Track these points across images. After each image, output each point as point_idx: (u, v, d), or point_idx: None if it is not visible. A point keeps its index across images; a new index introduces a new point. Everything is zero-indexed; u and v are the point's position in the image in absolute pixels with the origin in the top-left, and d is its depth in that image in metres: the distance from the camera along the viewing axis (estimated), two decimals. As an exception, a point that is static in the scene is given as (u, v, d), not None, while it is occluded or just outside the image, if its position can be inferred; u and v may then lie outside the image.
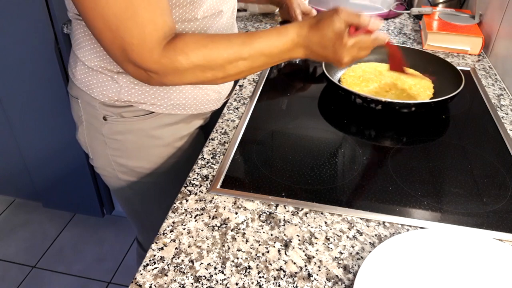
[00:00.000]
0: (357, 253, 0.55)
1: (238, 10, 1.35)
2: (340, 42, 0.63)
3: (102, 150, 0.79)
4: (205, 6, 0.68)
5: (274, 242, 0.56)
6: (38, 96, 1.43)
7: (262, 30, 0.64)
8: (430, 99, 0.85)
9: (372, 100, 0.78)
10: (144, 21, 0.55)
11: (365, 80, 0.89)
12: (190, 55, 0.58)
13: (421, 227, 0.58)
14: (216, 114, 0.87)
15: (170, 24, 0.59)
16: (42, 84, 1.40)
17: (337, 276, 0.52)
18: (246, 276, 0.52)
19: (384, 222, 0.59)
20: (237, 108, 0.85)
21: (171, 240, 0.56)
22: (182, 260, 0.54)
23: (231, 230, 0.58)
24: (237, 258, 0.54)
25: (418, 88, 0.88)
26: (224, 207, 0.62)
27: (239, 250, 0.55)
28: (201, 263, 0.53)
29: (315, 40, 0.64)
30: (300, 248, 0.55)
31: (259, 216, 0.60)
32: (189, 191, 0.64)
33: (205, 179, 0.67)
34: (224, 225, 0.59)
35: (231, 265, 0.53)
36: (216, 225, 0.59)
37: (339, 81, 0.92)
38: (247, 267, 0.53)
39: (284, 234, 0.57)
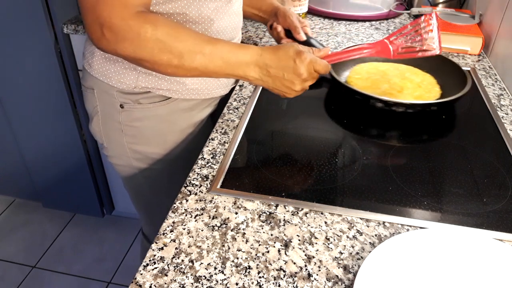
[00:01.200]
0: (357, 253, 0.55)
1: (238, 10, 1.35)
2: (300, 57, 0.66)
3: (118, 138, 0.82)
4: None
5: (274, 242, 0.56)
6: (38, 96, 1.43)
7: (229, 41, 0.68)
8: (441, 94, 0.84)
9: (395, 103, 0.77)
10: None
11: (374, 82, 0.89)
12: (158, 28, 0.59)
13: (421, 227, 0.58)
14: (223, 105, 0.88)
15: (149, 1, 0.62)
16: (42, 84, 1.40)
17: (337, 276, 0.52)
18: (246, 276, 0.52)
19: (384, 222, 0.59)
20: (237, 108, 0.85)
21: (171, 240, 0.56)
22: (182, 260, 0.54)
23: (231, 230, 0.58)
24: (237, 258, 0.54)
25: (426, 85, 0.88)
26: (224, 207, 0.62)
27: (239, 250, 0.55)
28: (201, 263, 0.53)
29: (274, 59, 0.66)
30: (300, 248, 0.55)
31: (259, 216, 0.60)
32: (189, 191, 0.64)
33: (205, 179, 0.67)
34: (224, 225, 0.59)
35: (231, 265, 0.53)
36: (216, 225, 0.59)
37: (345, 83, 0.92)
38: (247, 267, 0.53)
39: (284, 234, 0.57)
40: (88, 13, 0.58)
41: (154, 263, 0.53)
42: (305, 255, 0.55)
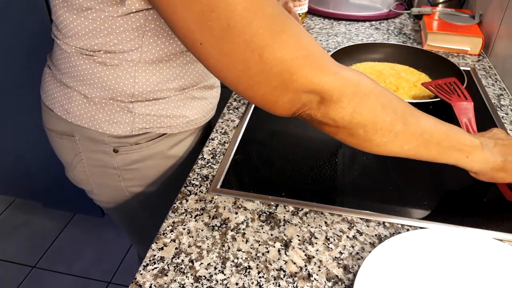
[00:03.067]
0: (357, 253, 0.55)
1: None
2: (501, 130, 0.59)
3: (114, 183, 0.74)
4: None
5: (274, 242, 0.56)
6: (38, 96, 1.43)
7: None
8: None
9: None
10: (308, 35, 0.45)
11: None
12: (369, 81, 0.48)
13: (421, 227, 0.58)
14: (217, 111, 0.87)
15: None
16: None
17: (337, 276, 0.52)
18: (246, 276, 0.52)
19: (384, 222, 0.59)
20: (237, 108, 0.85)
21: (171, 240, 0.56)
22: (182, 260, 0.54)
23: (231, 230, 0.58)
24: (237, 258, 0.54)
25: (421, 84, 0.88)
26: (224, 207, 0.62)
27: (239, 250, 0.55)
28: (201, 263, 0.53)
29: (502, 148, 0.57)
30: (300, 248, 0.55)
31: (259, 216, 0.60)
32: (189, 191, 0.64)
33: (205, 179, 0.67)
34: (224, 225, 0.59)
35: (231, 265, 0.53)
36: (216, 225, 0.59)
37: None
38: (247, 267, 0.53)
39: (284, 234, 0.57)
40: (287, 92, 0.45)
41: (154, 263, 0.53)
42: (305, 255, 0.55)
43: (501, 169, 0.57)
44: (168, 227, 0.58)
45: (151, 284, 0.51)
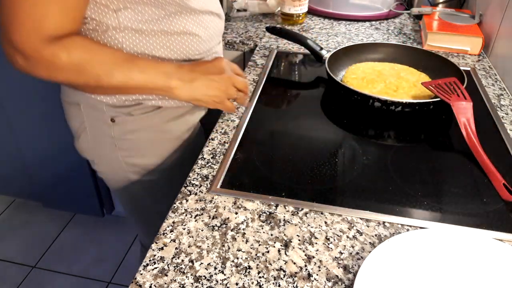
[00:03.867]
0: (357, 253, 0.55)
1: (238, 10, 1.35)
2: (217, 58, 0.72)
3: (112, 153, 0.78)
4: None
5: (274, 242, 0.56)
6: (38, 96, 1.43)
7: (146, 58, 0.68)
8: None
9: (392, 102, 0.78)
10: (50, 14, 0.55)
11: (370, 82, 0.89)
12: (71, 53, 0.58)
13: (421, 227, 0.58)
14: (214, 112, 0.88)
15: (73, 29, 0.60)
16: (42, 84, 1.40)
17: (337, 276, 0.52)
18: (246, 276, 0.52)
19: (384, 222, 0.59)
20: (237, 108, 0.85)
21: (171, 240, 0.56)
22: (182, 260, 0.54)
23: (231, 230, 0.58)
24: (237, 258, 0.54)
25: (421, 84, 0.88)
26: (224, 207, 0.62)
27: (239, 250, 0.55)
28: (201, 263, 0.53)
29: (194, 64, 0.70)
30: (300, 248, 0.55)
31: (259, 216, 0.60)
32: (189, 191, 0.64)
33: (205, 179, 0.67)
34: (224, 225, 0.59)
35: (231, 265, 0.53)
36: (216, 225, 0.59)
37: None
38: (247, 267, 0.53)
39: (284, 234, 0.57)
40: (4, 33, 0.56)
41: (154, 263, 0.53)
42: (305, 255, 0.55)
43: (197, 101, 0.71)
44: (168, 227, 0.58)
45: (151, 284, 0.51)
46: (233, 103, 0.76)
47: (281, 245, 0.56)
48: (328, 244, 0.56)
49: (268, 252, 0.55)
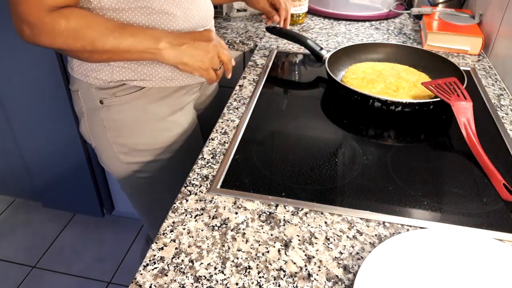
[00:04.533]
0: (357, 253, 0.55)
1: (238, 10, 1.35)
2: (207, 29, 0.77)
3: (103, 135, 0.83)
4: None
5: (274, 242, 0.56)
6: (38, 96, 1.43)
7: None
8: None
9: (392, 102, 0.78)
10: None
11: (370, 82, 0.89)
12: (70, 20, 0.65)
13: (421, 227, 0.58)
14: (214, 112, 0.88)
15: (71, 3, 0.66)
16: (42, 84, 1.40)
17: (337, 276, 0.52)
18: (246, 276, 0.52)
19: (384, 222, 0.59)
20: (237, 108, 0.85)
21: (171, 240, 0.56)
22: (182, 260, 0.54)
23: (231, 230, 0.58)
24: (237, 258, 0.54)
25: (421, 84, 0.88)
26: (224, 207, 0.62)
27: (239, 250, 0.55)
28: (201, 263, 0.53)
29: (184, 32, 0.75)
30: (300, 248, 0.55)
31: (259, 216, 0.60)
32: (189, 191, 0.64)
33: (205, 179, 0.67)
34: (224, 225, 0.59)
35: (231, 265, 0.53)
36: (216, 225, 0.59)
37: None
38: (247, 267, 0.53)
39: (284, 234, 0.57)
40: (13, 10, 0.64)
41: (154, 263, 0.53)
42: (305, 255, 0.55)
43: (183, 64, 0.73)
44: (168, 227, 0.58)
45: (151, 284, 0.51)
46: (215, 74, 0.79)
47: (281, 245, 0.56)
48: (328, 244, 0.56)
49: (268, 252, 0.55)
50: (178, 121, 0.86)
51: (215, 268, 0.53)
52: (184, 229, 0.58)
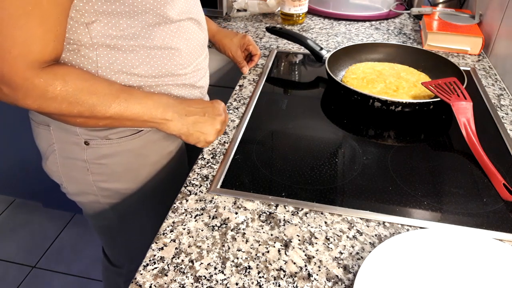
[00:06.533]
0: (357, 253, 0.55)
1: (238, 10, 1.35)
2: (216, 101, 0.74)
3: (82, 176, 0.75)
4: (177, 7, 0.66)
5: (274, 242, 0.56)
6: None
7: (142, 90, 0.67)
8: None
9: (392, 102, 0.78)
10: (35, 36, 0.52)
11: (370, 82, 0.89)
12: (68, 83, 0.56)
13: (421, 227, 0.58)
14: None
15: (58, 52, 0.57)
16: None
17: (337, 276, 0.52)
18: (246, 276, 0.52)
19: (384, 222, 0.59)
20: (237, 108, 0.85)
21: (171, 240, 0.56)
22: (182, 260, 0.54)
23: (231, 230, 0.58)
24: (237, 258, 0.54)
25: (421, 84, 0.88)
26: (224, 207, 0.62)
27: (239, 250, 0.55)
28: (201, 263, 0.53)
29: (193, 101, 0.72)
30: (300, 248, 0.55)
31: (259, 216, 0.60)
32: (189, 191, 0.64)
33: (205, 179, 0.67)
34: (224, 225, 0.59)
35: (231, 265, 0.53)
36: (216, 225, 0.59)
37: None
38: (247, 267, 0.53)
39: (284, 234, 0.57)
40: None
41: (154, 263, 0.53)
42: (305, 255, 0.55)
43: (188, 135, 0.70)
44: (168, 227, 0.58)
45: (151, 284, 0.51)
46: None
47: (281, 245, 0.56)
48: (328, 244, 0.56)
49: (268, 252, 0.55)
50: (169, 164, 0.81)
51: (215, 268, 0.53)
52: (184, 229, 0.58)
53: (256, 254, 0.55)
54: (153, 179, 0.79)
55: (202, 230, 0.58)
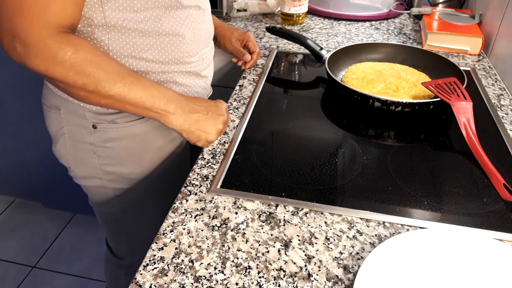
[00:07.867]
0: (357, 253, 0.55)
1: (238, 10, 1.35)
2: (220, 101, 0.75)
3: (89, 159, 0.76)
4: None
5: (274, 242, 0.56)
6: (38, 95, 1.43)
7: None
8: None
9: (392, 102, 0.78)
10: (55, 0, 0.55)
11: (370, 82, 0.89)
12: (79, 52, 0.57)
13: (421, 227, 0.58)
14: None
15: (76, 19, 0.59)
16: (42, 84, 1.40)
17: (337, 276, 0.52)
18: (246, 276, 0.52)
19: (384, 222, 0.59)
20: (237, 108, 0.85)
21: (171, 240, 0.56)
22: (182, 260, 0.54)
23: (231, 230, 0.58)
24: (237, 258, 0.54)
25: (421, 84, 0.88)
26: (224, 207, 0.62)
27: (239, 250, 0.55)
28: (201, 263, 0.53)
29: (197, 99, 0.72)
30: (300, 248, 0.55)
31: (259, 216, 0.60)
32: (189, 191, 0.64)
33: (205, 179, 0.67)
34: (224, 225, 0.59)
35: (231, 265, 0.53)
36: (216, 225, 0.59)
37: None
38: (247, 267, 0.53)
39: (284, 234, 0.57)
40: (3, 20, 0.55)
41: (154, 263, 0.53)
42: (305, 255, 0.55)
43: (189, 133, 0.70)
44: (168, 227, 0.58)
45: (151, 284, 0.51)
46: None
47: (281, 245, 0.56)
48: (328, 244, 0.56)
49: (268, 252, 0.55)
50: (174, 151, 0.82)
51: (215, 268, 0.53)
52: (184, 229, 0.58)
53: (256, 254, 0.55)
54: (157, 168, 0.80)
55: (202, 230, 0.58)
